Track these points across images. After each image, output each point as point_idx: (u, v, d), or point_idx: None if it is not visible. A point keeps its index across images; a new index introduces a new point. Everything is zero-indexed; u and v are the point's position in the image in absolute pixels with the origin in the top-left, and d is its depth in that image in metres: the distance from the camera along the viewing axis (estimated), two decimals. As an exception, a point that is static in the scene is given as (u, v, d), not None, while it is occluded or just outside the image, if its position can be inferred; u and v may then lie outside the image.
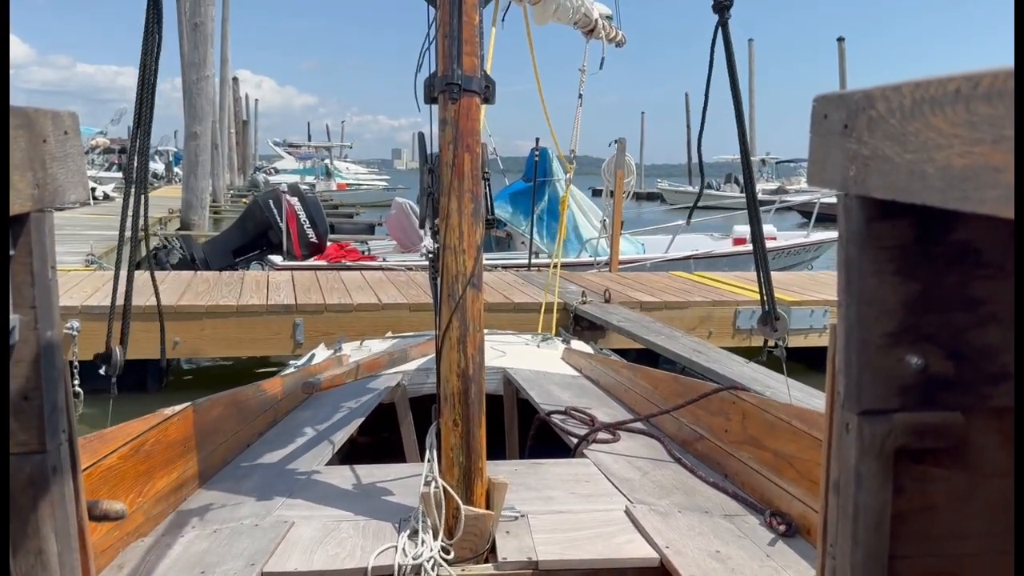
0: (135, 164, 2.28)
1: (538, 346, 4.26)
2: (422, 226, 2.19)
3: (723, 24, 2.47)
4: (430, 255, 2.15)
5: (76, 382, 3.74)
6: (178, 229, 14.80)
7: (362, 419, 2.91)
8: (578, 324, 7.41)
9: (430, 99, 2.07)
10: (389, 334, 5.12)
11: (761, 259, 2.49)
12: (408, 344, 3.25)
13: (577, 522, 2.07)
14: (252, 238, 10.70)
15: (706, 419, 2.57)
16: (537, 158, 11.13)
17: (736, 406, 2.43)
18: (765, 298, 2.49)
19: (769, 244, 12.35)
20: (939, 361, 0.73)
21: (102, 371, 2.39)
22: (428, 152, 2.11)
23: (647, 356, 7.25)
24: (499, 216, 11.87)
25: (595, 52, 4.66)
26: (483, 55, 2.12)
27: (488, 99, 2.09)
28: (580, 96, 5.13)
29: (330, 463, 2.53)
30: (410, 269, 9.18)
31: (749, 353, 6.99)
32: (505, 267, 10.14)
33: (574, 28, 4.32)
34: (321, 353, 4.39)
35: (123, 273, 2.26)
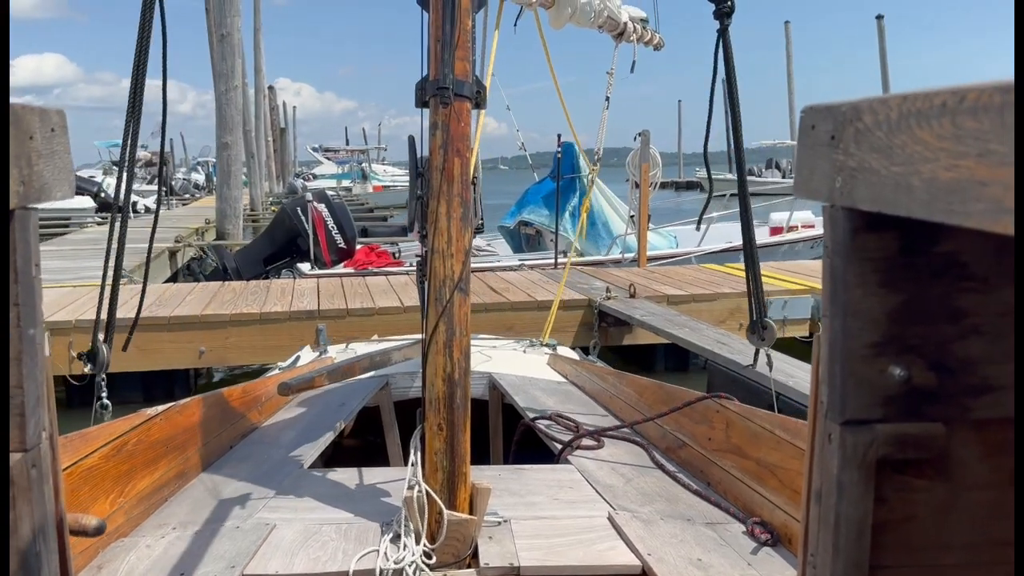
0: (125, 174, 2.37)
1: (524, 351, 4.26)
2: (411, 230, 2.20)
3: (723, 30, 2.51)
4: (418, 258, 2.15)
5: (104, 394, 3.79)
6: (215, 239, 14.98)
7: (346, 422, 2.91)
8: (603, 320, 7.32)
9: (421, 103, 2.08)
10: (375, 337, 5.12)
11: (751, 267, 2.50)
12: (394, 347, 3.25)
13: (560, 528, 2.05)
14: (281, 246, 10.77)
15: (690, 427, 2.55)
16: (560, 155, 11.00)
17: (720, 415, 2.41)
18: (754, 306, 2.52)
19: (810, 232, 12.03)
20: (922, 372, 0.73)
21: (87, 369, 2.42)
22: (418, 156, 2.12)
23: (674, 351, 7.13)
24: (531, 219, 11.81)
25: (625, 55, 4.55)
26: (476, 59, 2.14)
27: (479, 104, 2.11)
28: (607, 99, 5.08)
29: (313, 466, 2.53)
30: None
31: (780, 345, 6.82)
32: (531, 266, 10.05)
33: (599, 32, 4.23)
34: (306, 355, 4.41)
35: (111, 270, 2.30)
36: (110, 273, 2.36)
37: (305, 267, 10.27)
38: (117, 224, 2.38)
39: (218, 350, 6.86)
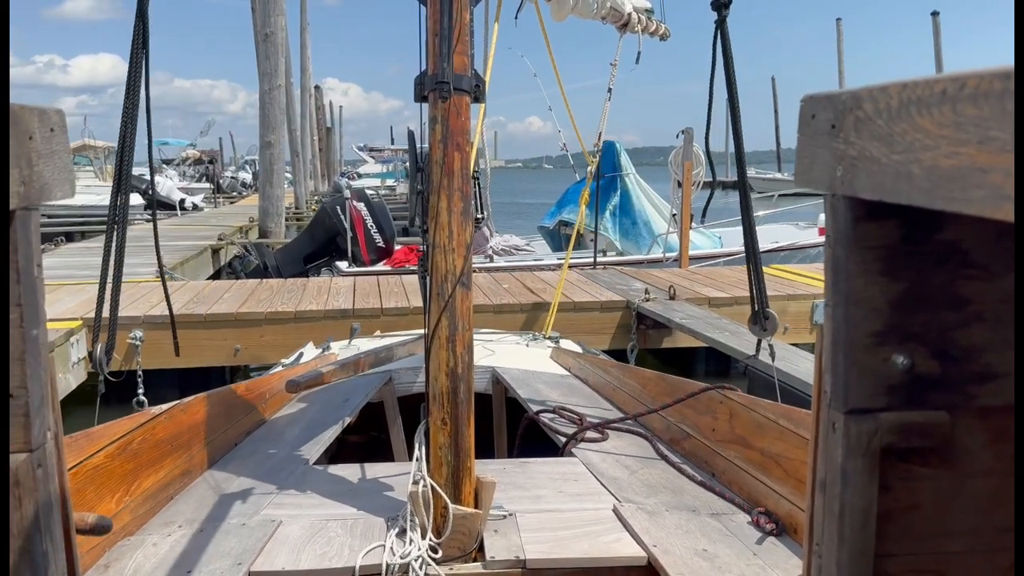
0: (124, 163, 2.35)
1: (527, 345, 4.24)
2: (411, 225, 2.19)
3: (721, 21, 2.50)
4: (419, 251, 2.19)
5: (141, 391, 3.78)
6: (258, 237, 15.12)
7: (350, 418, 2.92)
8: (641, 323, 7.16)
9: (420, 97, 2.08)
10: (377, 333, 5.10)
11: (753, 259, 2.53)
12: (398, 343, 3.25)
13: (565, 521, 2.07)
14: (321, 244, 10.82)
15: (694, 418, 2.56)
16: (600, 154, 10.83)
17: (724, 405, 2.41)
18: (755, 297, 2.55)
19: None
20: (925, 360, 0.73)
21: (89, 368, 2.39)
22: (418, 150, 2.13)
23: (715, 355, 6.94)
24: (571, 219, 11.68)
25: (631, 46, 4.48)
26: (473, 53, 2.13)
27: (478, 98, 2.11)
28: (609, 91, 5.00)
29: (318, 462, 2.55)
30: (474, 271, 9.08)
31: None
32: (570, 266, 9.91)
33: (603, 23, 4.18)
34: (309, 352, 4.42)
35: (111, 266, 2.30)
36: (110, 272, 2.32)
37: (343, 265, 10.28)
38: (121, 223, 2.35)
39: (253, 348, 6.88)
